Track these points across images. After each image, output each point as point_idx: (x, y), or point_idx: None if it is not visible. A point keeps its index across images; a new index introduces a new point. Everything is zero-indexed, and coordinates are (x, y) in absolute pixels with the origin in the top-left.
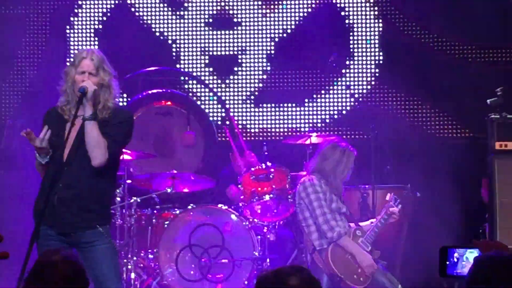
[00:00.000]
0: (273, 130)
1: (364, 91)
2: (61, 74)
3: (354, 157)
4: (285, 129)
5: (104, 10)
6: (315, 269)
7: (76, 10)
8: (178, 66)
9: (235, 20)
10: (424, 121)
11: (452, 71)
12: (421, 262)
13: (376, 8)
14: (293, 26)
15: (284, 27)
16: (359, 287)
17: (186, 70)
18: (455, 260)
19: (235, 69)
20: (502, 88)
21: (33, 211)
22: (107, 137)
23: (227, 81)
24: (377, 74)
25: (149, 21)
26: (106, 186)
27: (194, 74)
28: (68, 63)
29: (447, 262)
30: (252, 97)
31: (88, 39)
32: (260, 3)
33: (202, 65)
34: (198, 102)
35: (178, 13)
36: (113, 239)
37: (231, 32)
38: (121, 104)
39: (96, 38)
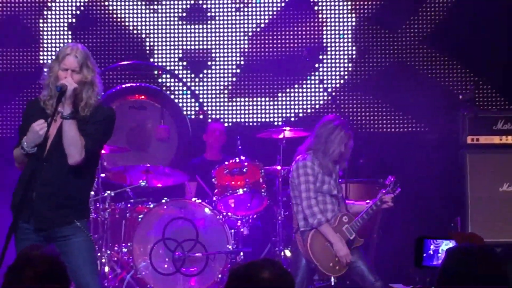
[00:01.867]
0: (246, 124)
1: (337, 85)
2: (44, 67)
3: (349, 137)
4: (259, 123)
5: (78, 4)
6: (295, 250)
7: (49, 4)
8: (151, 60)
9: (208, 14)
10: (396, 115)
11: (424, 65)
12: (394, 255)
13: (349, 3)
14: (266, 21)
15: (258, 21)
16: (334, 275)
17: (159, 64)
18: (431, 252)
19: (209, 63)
20: (473, 83)
21: (11, 205)
22: (85, 135)
23: (201, 75)
24: (350, 69)
25: (122, 15)
26: (84, 183)
27: (168, 68)
28: (42, 57)
29: (424, 254)
30: (226, 91)
31: (61, 33)
32: None
33: (176, 59)
34: (172, 96)
35: (151, 7)
36: None
37: (204, 26)
38: None
39: (70, 32)
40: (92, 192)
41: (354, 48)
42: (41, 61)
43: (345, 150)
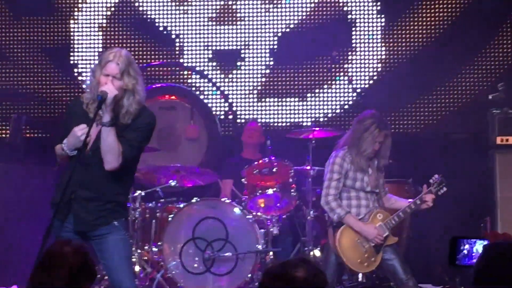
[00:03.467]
0: (276, 124)
1: (366, 86)
2: (89, 69)
3: (383, 134)
4: (288, 124)
5: (109, 5)
6: (327, 244)
7: (80, 5)
8: (181, 60)
9: (238, 14)
10: (425, 115)
11: (454, 65)
12: (423, 255)
13: (378, 3)
14: (296, 21)
15: (287, 22)
16: (361, 272)
17: (189, 64)
18: (466, 252)
19: (238, 63)
20: (503, 83)
21: (51, 203)
22: (124, 141)
23: (230, 76)
24: (379, 69)
25: (153, 16)
26: (123, 187)
27: (198, 68)
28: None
29: (458, 253)
30: (255, 91)
31: (92, 33)
32: None
33: (206, 60)
34: (202, 97)
35: (182, 7)
36: None
37: (234, 26)
38: None
39: (100, 33)
40: None
41: (383, 48)
42: (71, 62)
43: (381, 149)
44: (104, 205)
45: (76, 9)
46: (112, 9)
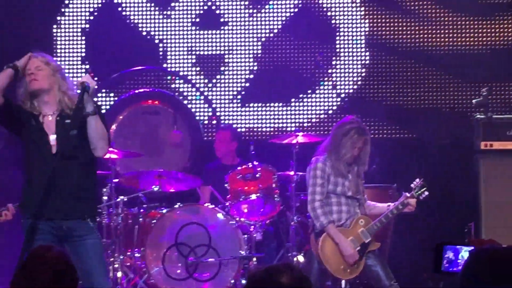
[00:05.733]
0: (259, 129)
1: (351, 91)
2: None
3: (363, 139)
4: (272, 129)
5: (91, 9)
6: (310, 250)
7: (63, 10)
8: (165, 65)
9: (222, 20)
10: (409, 121)
11: (438, 70)
12: (407, 260)
13: (362, 8)
14: (279, 26)
15: (271, 27)
16: (344, 278)
17: (173, 69)
18: (452, 258)
19: (222, 68)
20: (487, 88)
21: (20, 204)
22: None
23: (214, 81)
24: (363, 74)
25: (136, 21)
26: (93, 173)
27: (181, 73)
28: None
29: (444, 260)
30: (239, 96)
31: (75, 38)
32: (247, 3)
33: (189, 65)
34: (185, 102)
35: (165, 12)
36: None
37: (218, 31)
38: (108, 104)
39: (83, 38)
40: (105, 197)
41: (367, 53)
42: None
43: (361, 154)
44: (79, 193)
45: (58, 14)
46: (95, 13)
